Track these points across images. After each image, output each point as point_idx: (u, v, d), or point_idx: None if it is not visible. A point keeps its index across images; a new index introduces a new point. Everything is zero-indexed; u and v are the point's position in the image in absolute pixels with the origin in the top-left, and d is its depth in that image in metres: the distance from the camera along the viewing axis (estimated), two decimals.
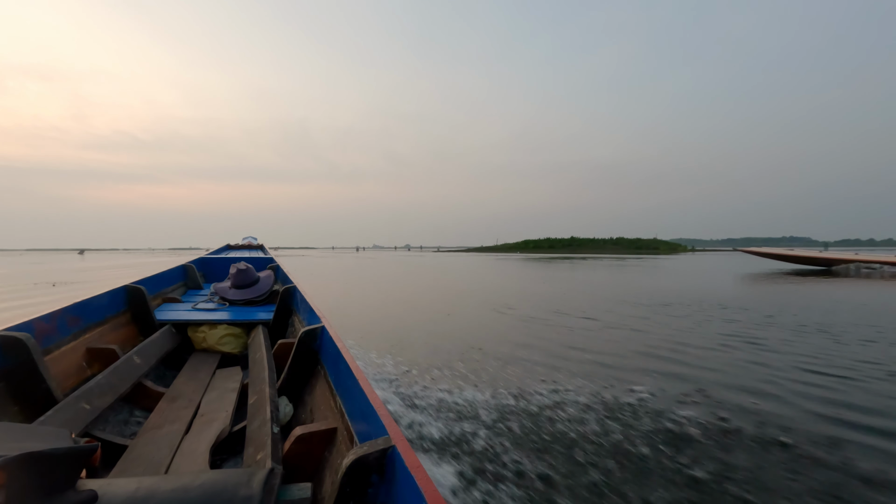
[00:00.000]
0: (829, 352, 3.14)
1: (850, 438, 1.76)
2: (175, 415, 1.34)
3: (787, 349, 3.23)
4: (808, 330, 3.97)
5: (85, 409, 1.20)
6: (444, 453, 1.63)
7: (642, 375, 2.64)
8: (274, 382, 1.40)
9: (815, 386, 2.41)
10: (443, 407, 2.08)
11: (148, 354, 1.71)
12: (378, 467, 0.76)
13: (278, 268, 3.30)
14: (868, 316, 4.72)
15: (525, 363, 2.95)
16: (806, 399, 2.21)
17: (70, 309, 1.59)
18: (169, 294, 2.76)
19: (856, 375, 2.58)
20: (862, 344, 3.40)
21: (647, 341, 3.58)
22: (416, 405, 2.10)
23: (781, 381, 2.48)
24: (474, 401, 2.17)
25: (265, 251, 4.90)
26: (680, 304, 5.76)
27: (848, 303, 5.80)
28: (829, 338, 3.61)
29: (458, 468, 1.52)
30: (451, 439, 1.73)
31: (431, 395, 2.26)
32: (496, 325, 4.40)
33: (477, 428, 1.84)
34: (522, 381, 2.51)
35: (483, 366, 2.88)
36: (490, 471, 1.51)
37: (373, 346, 3.39)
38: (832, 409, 2.06)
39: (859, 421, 1.93)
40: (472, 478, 1.47)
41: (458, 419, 1.94)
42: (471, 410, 2.05)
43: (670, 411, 2.04)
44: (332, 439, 1.04)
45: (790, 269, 14.07)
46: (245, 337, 2.13)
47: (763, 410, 2.06)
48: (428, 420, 1.91)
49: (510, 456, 1.61)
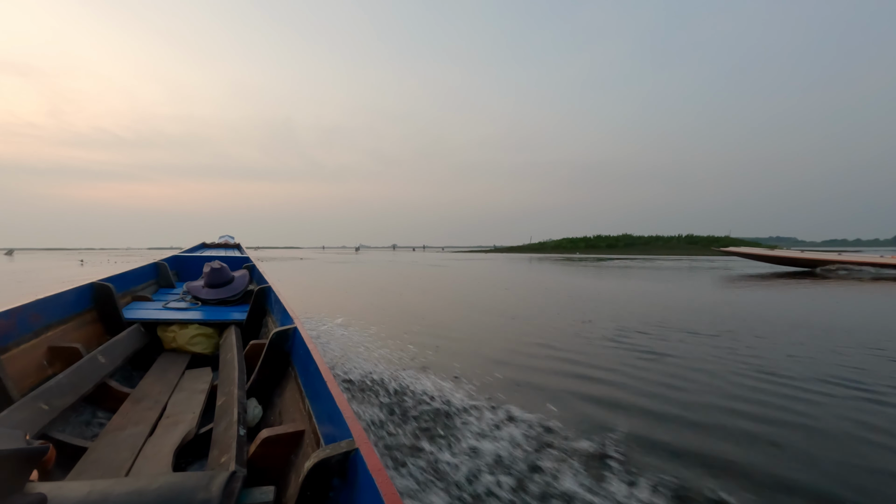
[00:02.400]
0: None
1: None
2: (139, 416, 1.31)
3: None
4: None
5: (43, 409, 1.16)
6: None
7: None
8: (243, 384, 1.39)
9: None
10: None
11: (114, 354, 1.66)
12: (340, 470, 0.76)
13: (254, 267, 3.26)
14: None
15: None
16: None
17: (32, 305, 1.54)
18: (139, 292, 2.68)
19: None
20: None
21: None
22: None
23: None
24: None
25: (241, 250, 4.81)
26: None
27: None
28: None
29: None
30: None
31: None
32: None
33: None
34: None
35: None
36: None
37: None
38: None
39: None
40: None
41: None
42: None
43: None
44: (299, 442, 1.03)
45: (770, 271, 13.50)
46: (217, 337, 2.09)
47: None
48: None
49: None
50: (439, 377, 2.46)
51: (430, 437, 1.67)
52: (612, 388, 2.38)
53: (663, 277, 10.76)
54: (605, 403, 2.15)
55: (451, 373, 2.59)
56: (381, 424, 1.78)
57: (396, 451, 1.56)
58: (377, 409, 1.93)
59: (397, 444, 1.61)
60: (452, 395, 2.13)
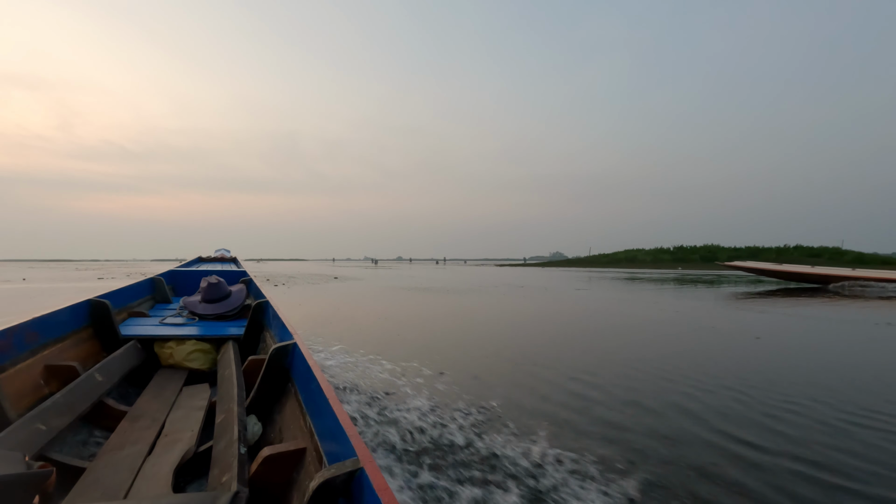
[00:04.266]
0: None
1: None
2: (137, 435, 1.29)
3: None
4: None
5: (40, 429, 1.15)
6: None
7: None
8: (243, 401, 1.38)
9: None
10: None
11: (110, 371, 1.65)
12: (345, 490, 0.76)
13: (251, 281, 3.25)
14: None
15: None
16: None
17: (28, 324, 1.53)
18: (135, 308, 2.67)
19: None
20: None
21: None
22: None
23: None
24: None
25: (238, 264, 4.79)
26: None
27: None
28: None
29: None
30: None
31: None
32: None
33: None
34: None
35: None
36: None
37: None
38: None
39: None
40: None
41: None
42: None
43: None
44: (300, 460, 1.03)
45: (778, 288, 12.34)
46: (214, 353, 2.07)
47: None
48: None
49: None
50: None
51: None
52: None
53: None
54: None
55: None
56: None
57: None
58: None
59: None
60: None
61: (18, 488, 0.60)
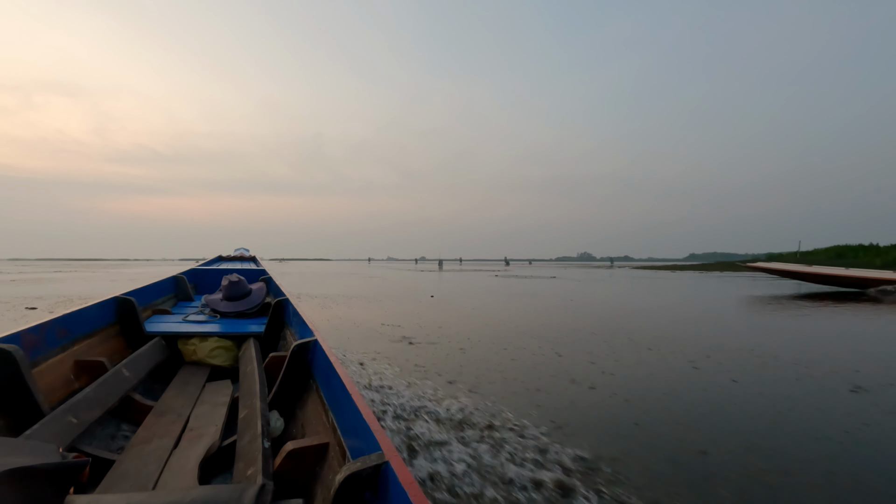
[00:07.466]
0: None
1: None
2: (163, 429, 1.32)
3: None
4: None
5: (72, 422, 1.18)
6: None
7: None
8: (265, 396, 1.39)
9: None
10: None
11: (137, 367, 1.69)
12: (371, 483, 0.75)
13: (270, 280, 3.29)
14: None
15: None
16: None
17: (59, 320, 1.57)
18: (159, 306, 2.73)
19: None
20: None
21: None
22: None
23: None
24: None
25: (257, 263, 4.87)
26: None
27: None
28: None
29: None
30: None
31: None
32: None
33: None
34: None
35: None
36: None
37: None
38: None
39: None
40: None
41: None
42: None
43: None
44: (323, 454, 1.03)
45: (808, 291, 11.13)
46: (236, 350, 2.10)
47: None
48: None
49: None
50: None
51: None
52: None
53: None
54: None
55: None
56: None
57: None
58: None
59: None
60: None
61: (58, 477, 0.61)
